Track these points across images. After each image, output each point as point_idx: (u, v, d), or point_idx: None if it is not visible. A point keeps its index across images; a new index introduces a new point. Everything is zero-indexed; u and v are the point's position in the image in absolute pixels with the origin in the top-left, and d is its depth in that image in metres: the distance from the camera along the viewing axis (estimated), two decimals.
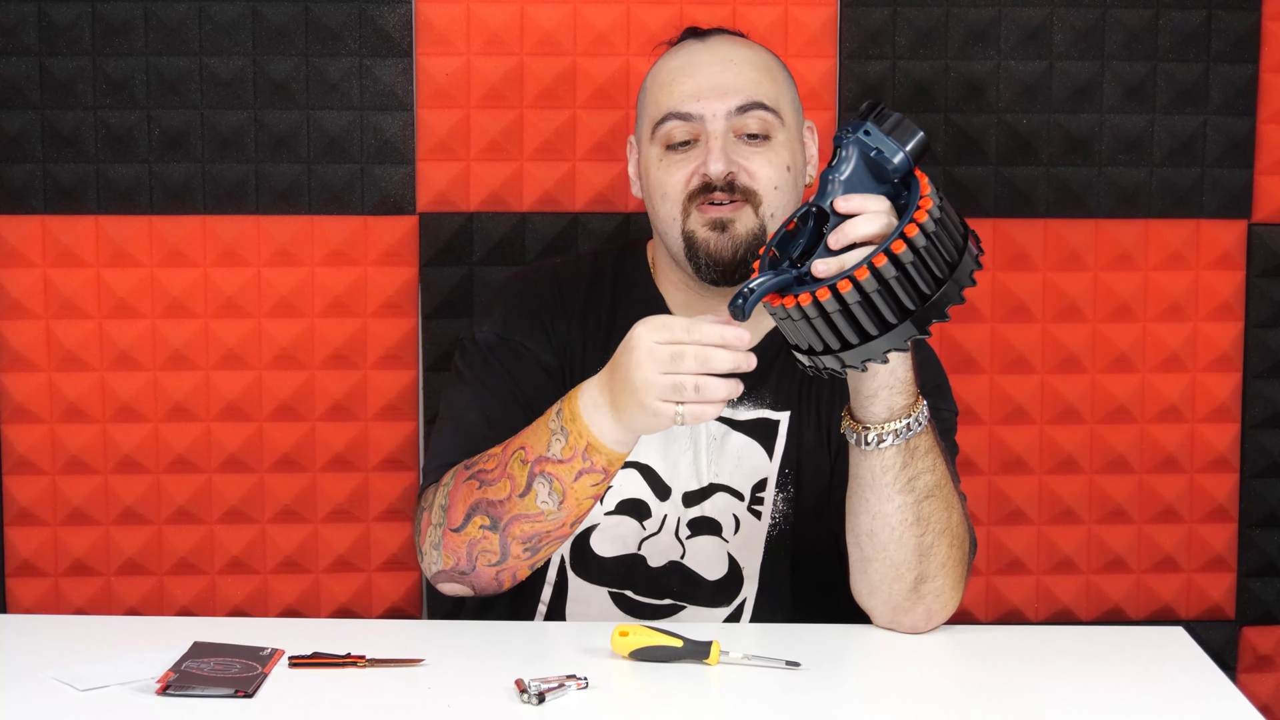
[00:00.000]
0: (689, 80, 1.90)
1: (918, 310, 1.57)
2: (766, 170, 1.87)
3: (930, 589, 1.77)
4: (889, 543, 1.76)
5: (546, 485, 1.73)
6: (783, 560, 1.94)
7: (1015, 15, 2.42)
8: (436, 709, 1.58)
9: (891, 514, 1.74)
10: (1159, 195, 2.47)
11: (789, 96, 1.94)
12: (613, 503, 1.94)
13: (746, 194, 1.87)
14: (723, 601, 1.93)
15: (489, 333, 1.95)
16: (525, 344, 1.94)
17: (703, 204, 1.87)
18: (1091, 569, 2.53)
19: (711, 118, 1.87)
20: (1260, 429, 2.52)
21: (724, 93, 1.88)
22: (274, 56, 2.39)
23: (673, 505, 1.93)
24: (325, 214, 2.42)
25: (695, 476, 1.93)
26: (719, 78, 1.89)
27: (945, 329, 2.45)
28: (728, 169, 1.86)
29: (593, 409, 1.70)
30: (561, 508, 1.74)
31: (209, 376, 2.43)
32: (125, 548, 2.45)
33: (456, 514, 1.80)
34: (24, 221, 2.39)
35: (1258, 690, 2.56)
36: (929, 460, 1.73)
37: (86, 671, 1.64)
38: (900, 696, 1.65)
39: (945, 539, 1.76)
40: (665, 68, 1.94)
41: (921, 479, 1.73)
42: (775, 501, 1.93)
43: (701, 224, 1.87)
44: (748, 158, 1.87)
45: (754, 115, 1.88)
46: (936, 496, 1.74)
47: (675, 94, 1.89)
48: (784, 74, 1.96)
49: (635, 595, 1.93)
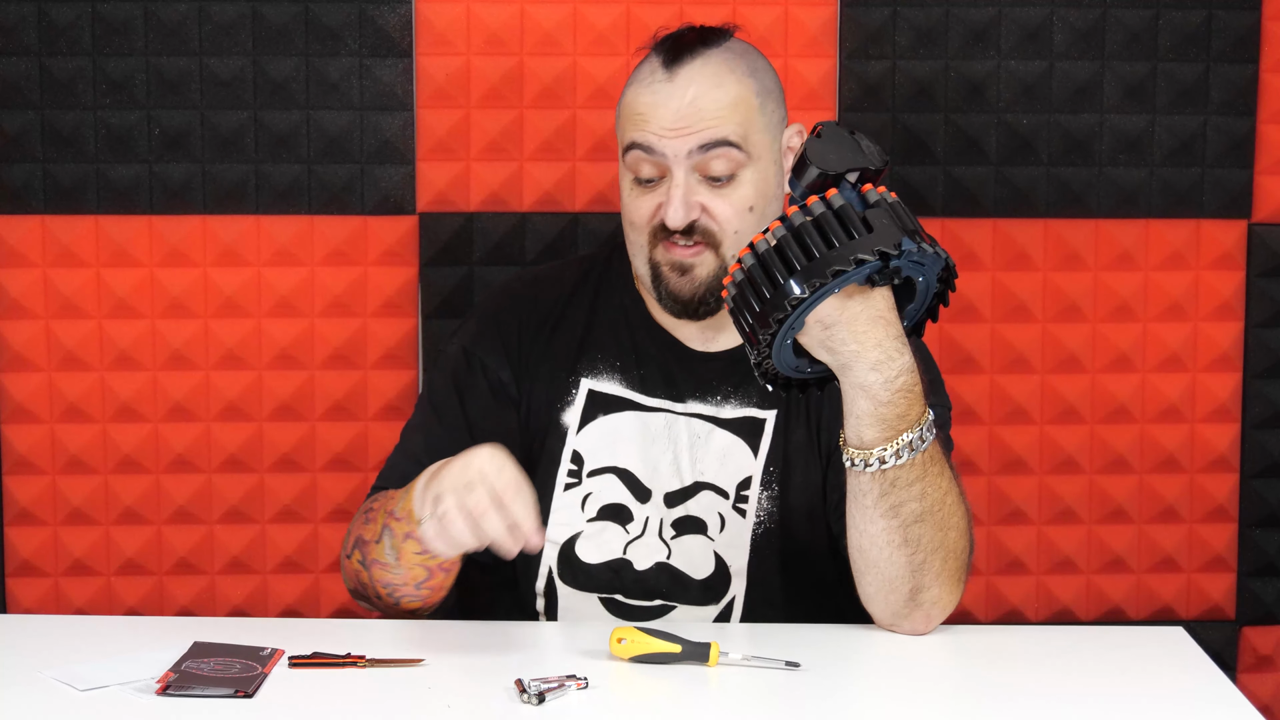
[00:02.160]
0: (654, 120, 1.87)
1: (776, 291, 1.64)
2: (728, 213, 1.87)
3: (927, 598, 1.77)
4: (879, 560, 1.76)
5: (389, 539, 1.78)
6: (770, 558, 1.94)
7: (1015, 15, 2.42)
8: (436, 709, 1.58)
9: (877, 535, 1.75)
10: (1159, 195, 2.47)
11: (762, 121, 1.89)
12: (594, 509, 1.94)
13: (706, 236, 1.87)
14: (711, 600, 1.93)
15: (458, 346, 2.00)
16: (485, 360, 1.97)
17: (666, 244, 1.89)
18: (1091, 569, 2.53)
19: (674, 158, 1.86)
20: (1260, 429, 2.52)
21: (687, 133, 1.86)
22: (274, 56, 2.39)
23: (654, 507, 1.94)
24: (325, 214, 2.42)
25: (677, 476, 1.94)
26: (682, 121, 1.86)
27: (945, 329, 2.45)
28: (687, 218, 1.86)
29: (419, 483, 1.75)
30: (399, 564, 1.79)
31: (209, 376, 2.43)
32: (125, 548, 2.45)
33: (349, 542, 1.87)
34: (24, 221, 2.39)
35: (1258, 690, 2.56)
36: (916, 490, 1.72)
37: (86, 671, 1.64)
38: (900, 696, 1.65)
39: (939, 555, 1.76)
40: (635, 102, 1.90)
41: (907, 507, 1.73)
42: (760, 500, 1.94)
43: (666, 262, 1.89)
44: (710, 199, 1.87)
45: (718, 154, 1.86)
46: (927, 521, 1.74)
47: (640, 127, 1.88)
48: (758, 103, 1.89)
49: (625, 599, 1.93)
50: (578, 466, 1.95)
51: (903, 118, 2.43)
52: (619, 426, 1.95)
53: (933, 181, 2.44)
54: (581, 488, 1.94)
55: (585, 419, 1.95)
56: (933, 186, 2.44)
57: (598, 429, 1.95)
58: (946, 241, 2.44)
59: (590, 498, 1.94)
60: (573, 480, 1.94)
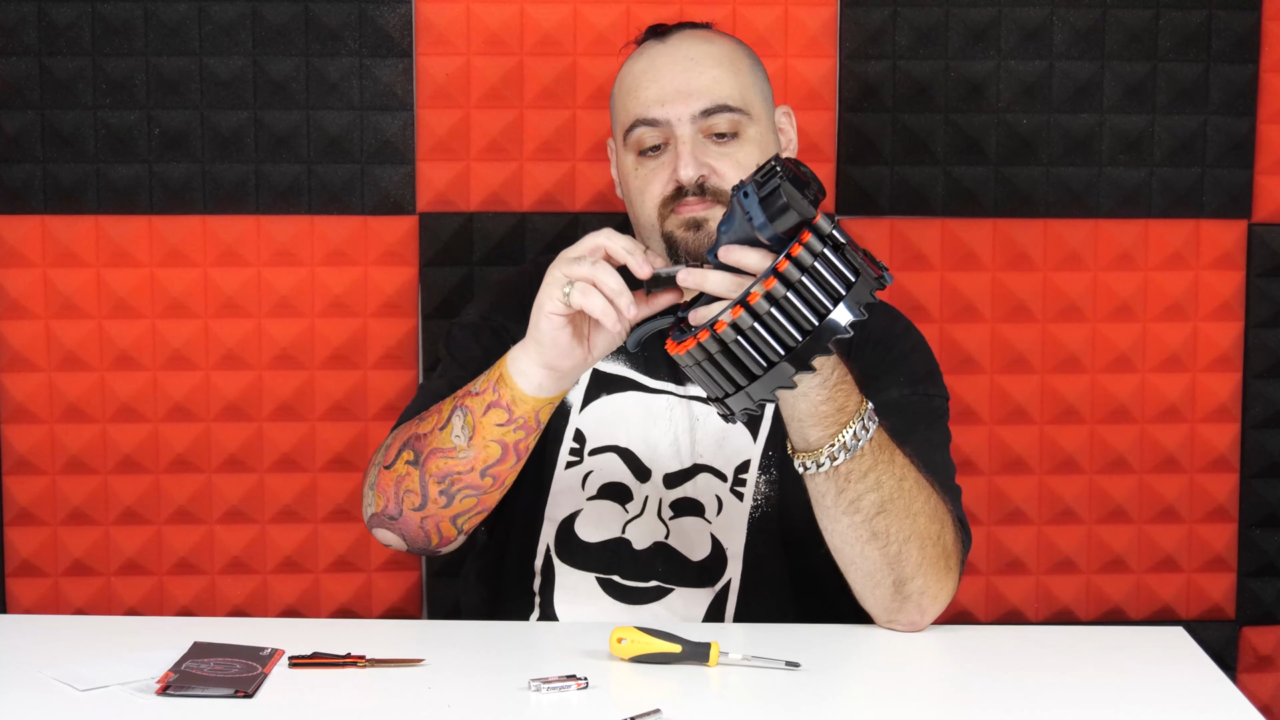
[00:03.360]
0: (653, 85, 1.92)
1: (785, 357, 1.59)
2: (734, 171, 1.90)
3: (913, 589, 1.78)
4: (854, 557, 1.78)
5: (461, 418, 1.77)
6: (767, 543, 1.94)
7: (1015, 15, 2.42)
8: (436, 709, 1.58)
9: (844, 532, 1.76)
10: (1159, 195, 2.47)
11: (757, 87, 1.96)
12: (594, 487, 1.95)
13: (717, 194, 1.90)
14: (707, 582, 1.94)
15: (473, 314, 2.03)
16: (506, 325, 1.98)
17: (678, 206, 1.91)
18: (1091, 569, 2.53)
19: (678, 122, 1.90)
20: (1260, 429, 2.52)
21: (688, 95, 1.91)
22: (274, 56, 2.39)
23: (653, 487, 1.95)
24: (325, 214, 2.42)
25: (676, 457, 1.95)
26: (681, 79, 1.92)
27: (945, 329, 2.45)
28: (698, 173, 1.89)
29: (517, 348, 1.76)
30: (470, 445, 1.76)
31: (209, 376, 2.43)
32: (125, 548, 2.45)
33: (392, 451, 1.83)
34: (24, 221, 2.39)
35: (1258, 690, 2.56)
36: (870, 480, 1.73)
37: (86, 671, 1.64)
38: (900, 696, 1.65)
39: (914, 544, 1.76)
40: (630, 73, 1.97)
41: (865, 499, 1.74)
42: (758, 483, 1.94)
43: (678, 225, 1.91)
44: (717, 158, 1.91)
45: (720, 117, 1.91)
46: (890, 511, 1.74)
47: (641, 99, 1.93)
48: (750, 63, 1.97)
49: (622, 580, 1.94)
50: (579, 445, 1.96)
51: (903, 118, 2.44)
52: (621, 406, 1.96)
53: (933, 181, 2.44)
54: (583, 466, 1.96)
55: (588, 398, 1.97)
56: (933, 186, 2.44)
57: (600, 408, 1.97)
58: (947, 241, 2.45)
59: (591, 476, 1.96)
60: (574, 459, 1.95)
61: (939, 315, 2.46)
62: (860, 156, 2.44)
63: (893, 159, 2.44)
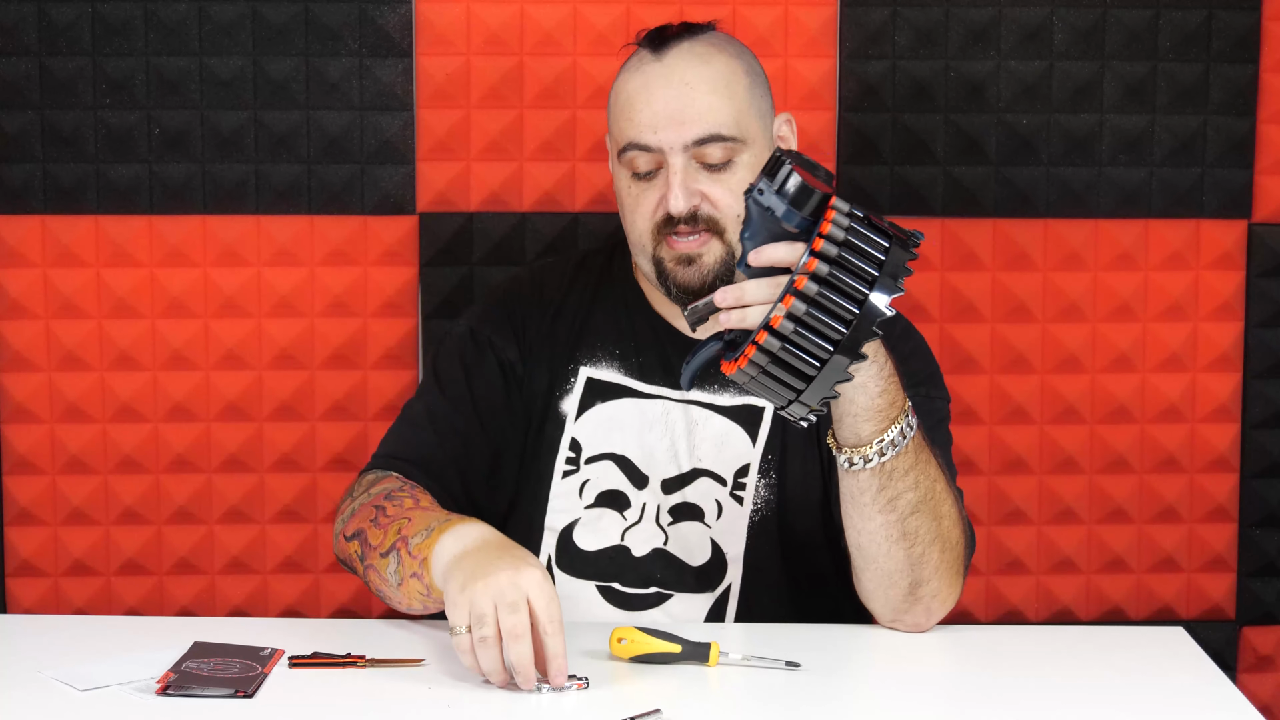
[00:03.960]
0: (646, 109, 1.88)
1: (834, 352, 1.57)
2: (728, 199, 1.87)
3: (926, 591, 1.78)
4: (878, 555, 1.77)
5: (395, 562, 1.76)
6: (767, 547, 1.94)
7: (1015, 15, 2.42)
8: (436, 709, 1.58)
9: (876, 531, 1.75)
10: (1159, 195, 2.47)
11: (754, 108, 1.92)
12: (592, 496, 1.95)
13: (710, 224, 1.88)
14: (707, 587, 1.94)
15: (464, 325, 2.02)
16: (491, 339, 1.99)
17: (669, 237, 1.89)
18: (1091, 569, 2.53)
19: (670, 150, 1.87)
20: (1260, 429, 2.52)
21: (681, 123, 1.87)
22: (274, 56, 2.39)
23: (651, 493, 1.95)
24: (325, 214, 2.42)
25: (674, 462, 1.95)
26: (675, 105, 1.87)
27: (945, 329, 2.45)
28: (689, 205, 1.87)
29: (447, 544, 1.69)
30: (399, 589, 1.76)
31: (209, 376, 2.43)
32: (125, 548, 2.45)
33: (350, 526, 1.86)
34: (24, 221, 2.39)
35: (1258, 690, 2.56)
36: (910, 479, 1.73)
37: (86, 671, 1.64)
38: (900, 696, 1.65)
39: (936, 546, 1.76)
40: (625, 90, 1.92)
41: (903, 498, 1.73)
42: (757, 487, 1.94)
43: (671, 258, 1.89)
44: (709, 184, 1.88)
45: (713, 147, 1.87)
46: (922, 511, 1.75)
47: (635, 123, 1.89)
48: (748, 81, 1.92)
49: (622, 587, 1.94)
50: (576, 454, 1.96)
51: (903, 118, 2.43)
52: (616, 413, 1.96)
53: (933, 181, 2.44)
54: (579, 475, 1.95)
55: (583, 406, 1.97)
56: (933, 186, 2.44)
57: (595, 416, 1.97)
58: (947, 241, 2.45)
59: (588, 484, 1.96)
60: (571, 468, 1.95)
61: (939, 315, 2.46)
62: (860, 157, 2.44)
63: (893, 159, 2.44)
